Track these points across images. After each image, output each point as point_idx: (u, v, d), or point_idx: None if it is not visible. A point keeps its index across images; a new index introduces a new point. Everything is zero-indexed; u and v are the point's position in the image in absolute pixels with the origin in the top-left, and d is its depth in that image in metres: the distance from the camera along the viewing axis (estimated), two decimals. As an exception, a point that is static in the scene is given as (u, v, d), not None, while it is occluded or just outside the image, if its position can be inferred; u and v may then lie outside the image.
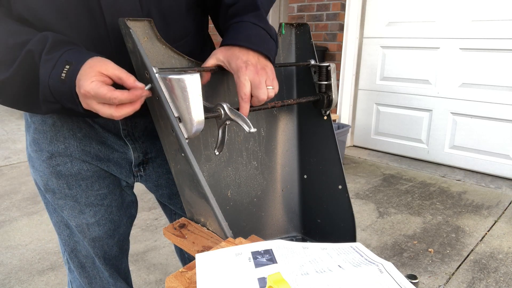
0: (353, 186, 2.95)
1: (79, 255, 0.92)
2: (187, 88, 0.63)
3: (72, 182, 0.84)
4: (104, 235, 0.91)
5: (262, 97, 0.72)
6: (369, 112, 3.70)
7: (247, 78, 0.70)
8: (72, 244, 0.91)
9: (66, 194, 0.85)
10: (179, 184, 0.74)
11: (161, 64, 0.74)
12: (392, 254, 2.06)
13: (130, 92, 0.61)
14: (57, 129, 0.81)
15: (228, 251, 0.58)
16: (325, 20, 3.58)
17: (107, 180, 0.88)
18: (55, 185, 0.84)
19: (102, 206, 0.88)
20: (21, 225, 2.32)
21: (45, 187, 0.86)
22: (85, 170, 0.84)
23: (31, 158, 0.86)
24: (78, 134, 0.82)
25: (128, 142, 0.86)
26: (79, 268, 0.93)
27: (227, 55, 0.73)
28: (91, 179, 0.85)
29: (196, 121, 0.65)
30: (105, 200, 0.88)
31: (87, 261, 0.93)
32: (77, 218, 0.87)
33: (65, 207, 0.86)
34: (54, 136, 0.81)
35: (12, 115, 5.24)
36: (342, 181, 0.91)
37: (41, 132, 0.82)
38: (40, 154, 0.83)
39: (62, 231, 0.90)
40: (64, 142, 0.82)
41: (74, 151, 0.82)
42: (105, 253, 0.93)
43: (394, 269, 0.54)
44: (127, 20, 0.65)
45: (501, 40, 2.89)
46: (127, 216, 0.95)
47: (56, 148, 0.82)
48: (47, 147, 0.82)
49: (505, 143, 3.01)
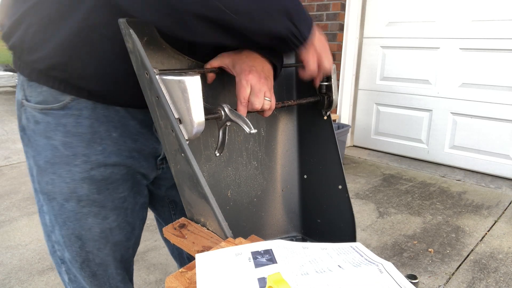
0: (353, 186, 2.95)
1: (91, 264, 0.89)
2: (188, 90, 0.63)
3: (101, 187, 0.81)
4: (124, 238, 0.90)
5: (256, 106, 0.71)
6: (369, 112, 3.70)
7: (248, 82, 0.70)
8: (84, 254, 0.87)
9: (94, 200, 0.82)
10: (179, 184, 0.74)
11: (161, 64, 0.74)
12: (392, 254, 2.06)
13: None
14: (94, 131, 0.78)
15: (228, 251, 0.58)
16: (325, 20, 3.58)
17: (129, 183, 0.87)
18: (85, 191, 0.80)
19: (122, 209, 0.87)
20: (21, 225, 2.32)
21: (70, 194, 0.81)
22: (115, 174, 0.82)
23: (54, 165, 0.79)
24: (113, 134, 0.80)
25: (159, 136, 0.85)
26: (90, 277, 0.90)
27: (234, 58, 0.73)
28: (117, 183, 0.84)
29: (197, 122, 0.65)
30: (125, 203, 0.87)
31: (99, 269, 0.90)
32: (102, 223, 0.85)
33: (90, 214, 0.83)
34: (91, 138, 0.78)
35: (12, 115, 5.24)
36: (342, 181, 0.91)
37: (76, 134, 0.77)
38: (73, 159, 0.78)
39: (73, 243, 0.86)
40: (101, 144, 0.79)
41: (110, 152, 0.80)
42: (122, 256, 0.92)
43: (394, 269, 0.54)
44: (127, 20, 0.65)
45: (501, 40, 2.89)
46: (140, 218, 0.95)
47: (93, 150, 0.78)
48: (83, 151, 0.78)
49: (505, 143, 3.01)
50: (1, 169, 3.24)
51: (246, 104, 0.71)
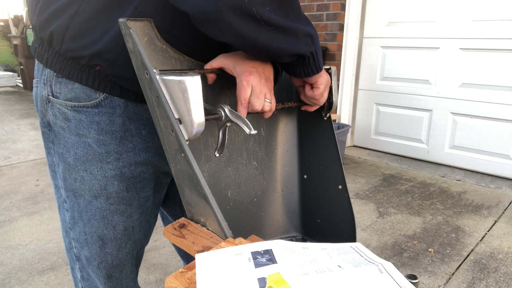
0: (353, 186, 2.95)
1: (108, 266, 0.89)
2: (188, 90, 0.63)
3: (130, 185, 0.83)
4: (143, 235, 0.92)
5: (257, 107, 0.72)
6: (369, 112, 3.70)
7: (249, 83, 0.70)
8: (103, 255, 0.88)
9: (123, 197, 0.83)
10: (179, 184, 0.74)
11: (161, 64, 0.74)
12: (392, 254, 2.06)
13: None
14: (126, 128, 0.79)
15: (228, 251, 0.58)
16: (325, 20, 3.58)
17: (152, 183, 0.88)
18: (115, 188, 0.82)
19: (145, 208, 0.89)
20: (21, 225, 2.32)
21: (100, 191, 0.82)
22: (144, 172, 0.84)
23: (85, 162, 0.80)
24: (143, 132, 0.81)
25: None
26: (105, 278, 0.91)
27: (235, 58, 0.73)
28: (144, 182, 0.85)
29: (197, 123, 0.65)
30: (147, 202, 0.89)
31: (114, 270, 0.91)
32: (126, 221, 0.86)
33: (116, 212, 0.84)
34: (123, 136, 0.79)
35: (12, 115, 5.24)
36: (342, 181, 0.91)
37: (109, 132, 0.79)
38: (106, 156, 0.80)
39: (95, 241, 0.87)
40: (132, 141, 0.81)
41: (140, 150, 0.82)
42: (137, 253, 0.94)
43: (394, 269, 0.54)
44: (127, 20, 0.65)
45: (501, 40, 2.89)
46: (154, 215, 0.97)
47: (125, 148, 0.80)
48: (115, 148, 0.79)
49: (505, 143, 3.02)
50: (1, 169, 3.24)
51: (246, 105, 0.71)
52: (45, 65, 0.79)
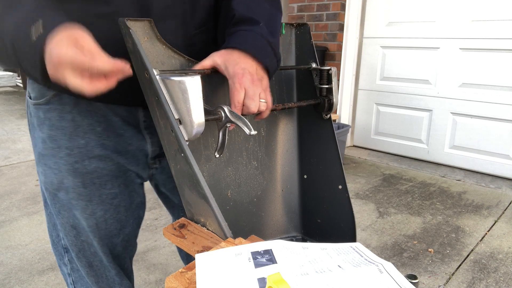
0: (353, 186, 2.95)
1: (87, 254, 0.92)
2: (188, 91, 0.63)
3: (87, 181, 0.83)
4: (110, 233, 0.91)
5: (252, 109, 0.71)
6: (369, 112, 3.70)
7: (242, 86, 0.70)
8: (80, 244, 0.90)
9: (80, 193, 0.84)
10: (179, 184, 0.74)
11: (161, 64, 0.74)
12: (392, 254, 2.06)
13: (113, 62, 0.56)
14: (77, 124, 0.80)
15: (228, 251, 0.58)
16: (325, 20, 3.58)
17: (119, 180, 0.88)
18: (71, 183, 0.83)
19: (112, 205, 0.88)
20: (21, 225, 2.32)
21: (59, 185, 0.84)
22: (101, 168, 0.84)
23: (43, 156, 0.83)
24: (97, 129, 0.81)
25: (147, 135, 0.86)
26: (86, 267, 0.93)
27: (226, 58, 0.72)
28: (105, 178, 0.85)
29: (197, 123, 0.65)
30: (115, 199, 0.88)
31: (94, 259, 0.92)
32: (89, 216, 0.87)
33: (78, 206, 0.85)
34: (73, 132, 0.80)
35: (12, 115, 5.24)
36: (342, 181, 0.91)
37: (59, 128, 0.80)
38: (58, 151, 0.81)
39: (69, 232, 0.89)
40: (84, 137, 0.81)
41: (93, 146, 0.82)
42: (110, 251, 0.93)
43: (394, 269, 0.54)
44: (127, 20, 0.65)
45: (501, 40, 2.89)
46: (134, 217, 0.95)
47: (76, 143, 0.80)
48: (66, 144, 0.80)
49: (505, 143, 3.01)
50: (1, 169, 3.24)
51: (240, 107, 0.71)
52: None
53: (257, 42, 0.74)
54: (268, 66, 0.74)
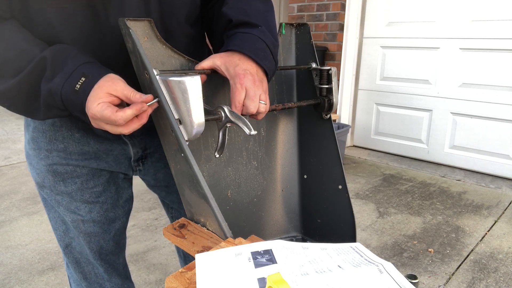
0: (353, 186, 2.95)
1: (74, 251, 0.94)
2: (188, 91, 0.63)
3: (67, 180, 0.85)
4: (100, 230, 0.92)
5: (251, 110, 0.72)
6: (369, 112, 3.70)
7: (243, 86, 0.70)
8: (67, 240, 0.93)
9: (62, 191, 0.86)
10: (179, 184, 0.74)
11: (161, 64, 0.74)
12: (392, 254, 2.06)
13: (131, 108, 0.62)
14: (56, 129, 0.82)
15: (228, 251, 0.58)
16: (325, 20, 3.58)
17: (102, 178, 0.89)
18: (51, 182, 0.85)
19: (97, 203, 0.89)
20: (21, 225, 2.32)
21: (42, 183, 0.87)
22: (80, 168, 0.86)
23: (29, 156, 0.87)
24: (76, 135, 0.83)
25: (127, 139, 0.87)
26: (74, 263, 0.95)
27: (226, 60, 0.73)
28: (86, 177, 0.86)
29: (197, 123, 0.65)
30: (100, 197, 0.90)
31: (81, 257, 0.95)
32: (73, 214, 0.88)
33: (62, 203, 0.87)
34: (53, 136, 0.83)
35: (12, 115, 5.24)
36: (342, 181, 0.91)
37: (40, 131, 0.83)
38: (38, 152, 0.84)
39: (58, 226, 0.92)
40: (63, 142, 0.83)
41: (72, 151, 0.84)
42: (101, 248, 0.94)
43: (394, 269, 0.54)
44: (127, 20, 0.65)
45: (501, 40, 2.89)
46: (124, 212, 0.97)
47: (54, 147, 0.83)
48: (45, 146, 0.83)
49: (505, 143, 3.01)
50: (1, 169, 3.24)
51: (240, 108, 0.71)
52: None
53: (257, 44, 0.74)
54: (267, 68, 0.75)
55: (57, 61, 0.64)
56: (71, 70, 0.63)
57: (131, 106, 0.62)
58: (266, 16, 0.80)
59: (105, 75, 0.64)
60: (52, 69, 0.63)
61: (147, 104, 0.63)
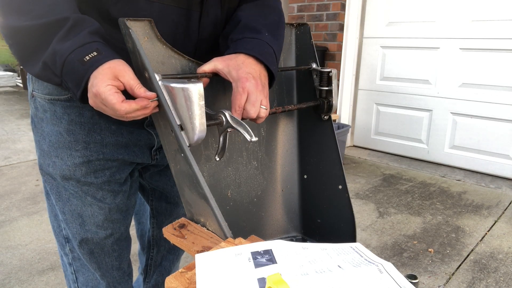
0: (353, 186, 2.95)
1: (89, 242, 0.95)
2: (191, 98, 0.63)
3: (98, 172, 0.88)
4: (121, 216, 0.96)
5: (251, 115, 0.72)
6: (369, 112, 3.70)
7: (245, 90, 0.70)
8: (83, 233, 0.94)
9: (92, 182, 0.89)
10: (179, 184, 0.74)
11: (161, 64, 0.74)
12: (392, 254, 2.06)
13: (136, 102, 0.63)
14: (95, 121, 0.85)
15: (228, 251, 0.58)
16: (325, 20, 3.58)
17: (127, 170, 0.94)
18: (83, 173, 0.87)
19: (120, 192, 0.94)
20: (21, 225, 2.32)
21: (69, 175, 0.88)
22: (112, 161, 0.89)
23: (57, 149, 0.87)
24: (112, 127, 0.86)
25: (151, 130, 0.91)
26: (88, 254, 0.97)
27: (229, 63, 0.73)
28: (115, 169, 0.90)
29: (199, 129, 0.65)
30: (123, 186, 0.94)
31: (96, 247, 0.96)
32: (100, 203, 0.91)
33: (88, 193, 0.90)
34: (92, 128, 0.85)
35: (12, 115, 5.24)
36: (342, 181, 0.91)
37: (78, 123, 0.84)
38: (75, 144, 0.86)
39: (75, 219, 0.93)
40: (100, 134, 0.86)
41: (108, 142, 0.87)
42: (121, 234, 0.99)
43: (393, 269, 0.54)
44: (127, 20, 0.65)
45: (501, 40, 2.89)
46: (133, 203, 1.02)
47: (92, 139, 0.85)
48: (84, 138, 0.85)
49: (505, 143, 3.01)
50: (1, 169, 3.24)
51: (241, 112, 0.71)
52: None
53: (264, 48, 0.75)
54: (275, 72, 0.76)
55: (76, 27, 0.64)
56: (86, 41, 0.64)
57: (137, 101, 0.63)
58: (278, 27, 0.83)
59: (118, 58, 0.65)
60: (67, 32, 0.64)
61: (150, 101, 0.64)
